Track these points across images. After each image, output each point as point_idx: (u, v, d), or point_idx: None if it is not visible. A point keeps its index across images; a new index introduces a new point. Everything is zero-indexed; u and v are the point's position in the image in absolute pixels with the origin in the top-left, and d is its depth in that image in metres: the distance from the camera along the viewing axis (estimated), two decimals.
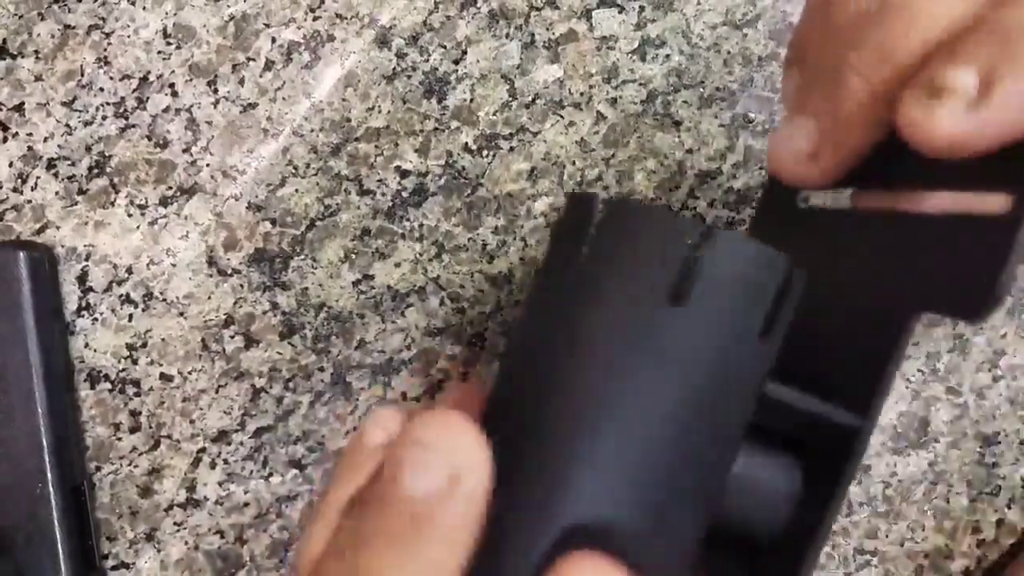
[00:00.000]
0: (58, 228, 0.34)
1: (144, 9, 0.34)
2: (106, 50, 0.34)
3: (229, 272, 0.34)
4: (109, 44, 0.34)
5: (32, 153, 0.34)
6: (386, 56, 0.34)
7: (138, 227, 0.34)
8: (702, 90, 0.34)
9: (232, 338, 0.34)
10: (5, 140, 0.34)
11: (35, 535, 0.31)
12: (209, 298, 0.34)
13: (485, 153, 0.34)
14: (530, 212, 0.34)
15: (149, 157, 0.34)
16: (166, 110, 0.34)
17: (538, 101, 0.34)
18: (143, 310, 0.34)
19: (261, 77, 0.34)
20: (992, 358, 0.35)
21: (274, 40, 0.34)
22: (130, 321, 0.34)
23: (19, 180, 0.34)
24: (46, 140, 0.34)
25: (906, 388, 0.34)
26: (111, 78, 0.34)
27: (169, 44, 0.34)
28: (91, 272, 0.34)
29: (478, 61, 0.34)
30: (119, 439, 0.34)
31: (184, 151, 0.34)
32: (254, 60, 0.34)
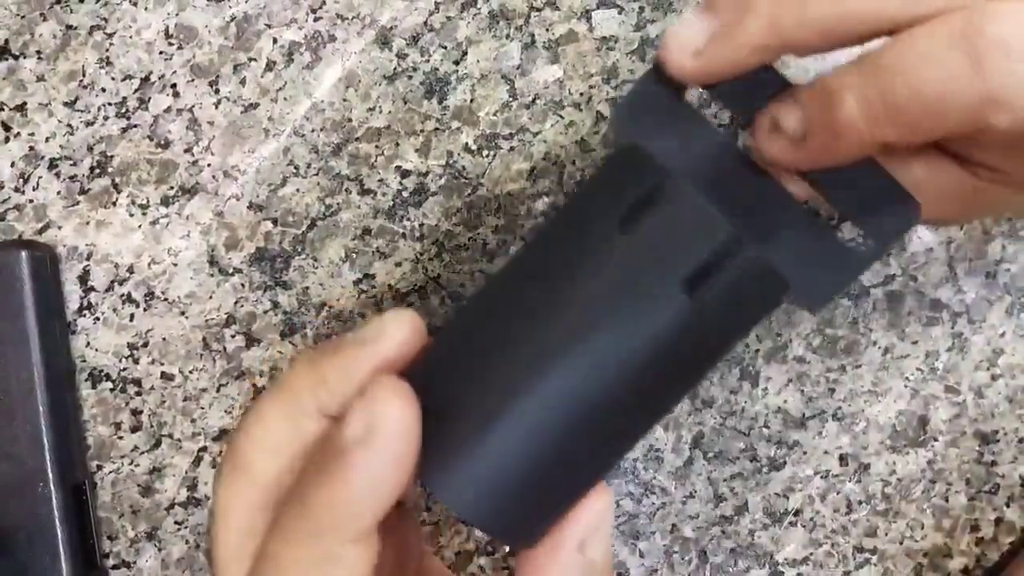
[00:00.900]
0: (60, 228, 0.34)
1: (146, 10, 0.34)
2: (108, 50, 0.34)
3: (230, 271, 0.34)
4: (111, 44, 0.34)
5: (34, 153, 0.34)
6: (387, 56, 0.34)
7: (139, 227, 0.34)
8: (701, 90, 0.34)
9: (233, 337, 0.34)
10: (7, 140, 0.34)
11: (36, 534, 0.31)
12: (210, 297, 0.34)
13: (485, 153, 0.34)
14: (530, 212, 0.34)
15: (151, 157, 0.34)
16: (168, 110, 0.34)
17: (538, 101, 0.34)
18: (144, 309, 0.34)
19: (262, 77, 0.34)
20: (991, 357, 0.35)
21: (275, 40, 0.34)
22: (131, 320, 0.34)
23: (21, 180, 0.34)
24: (48, 140, 0.34)
25: (905, 386, 0.35)
26: (113, 78, 0.34)
27: (171, 44, 0.34)
28: (92, 271, 0.34)
29: (478, 61, 0.34)
30: (120, 438, 0.34)
31: (185, 151, 0.34)
32: (255, 60, 0.34)
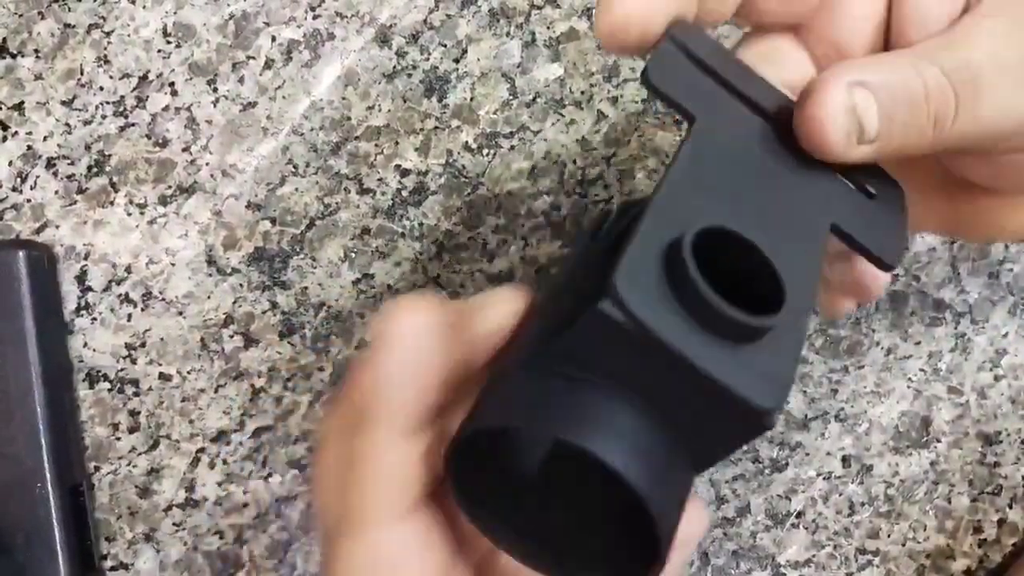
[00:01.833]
0: (57, 227, 0.33)
1: (144, 8, 0.34)
2: (106, 49, 0.34)
3: (228, 271, 0.34)
4: (109, 43, 0.34)
5: (32, 152, 0.34)
6: (386, 54, 0.34)
7: (137, 226, 0.34)
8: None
9: (231, 337, 0.34)
10: (5, 139, 0.34)
11: (34, 535, 0.31)
12: (208, 297, 0.34)
13: (485, 152, 0.34)
14: (531, 211, 0.34)
15: (149, 156, 0.34)
16: (166, 109, 0.34)
17: (539, 100, 0.34)
18: (142, 309, 0.34)
19: (261, 76, 0.34)
20: (994, 357, 0.34)
21: (274, 39, 0.34)
22: (129, 320, 0.34)
23: (18, 179, 0.33)
24: (46, 139, 0.34)
25: (908, 387, 0.34)
26: (111, 77, 0.34)
27: (169, 43, 0.34)
28: (90, 271, 0.34)
29: (479, 60, 0.34)
30: (118, 439, 0.34)
31: (184, 150, 0.34)
32: (254, 59, 0.34)
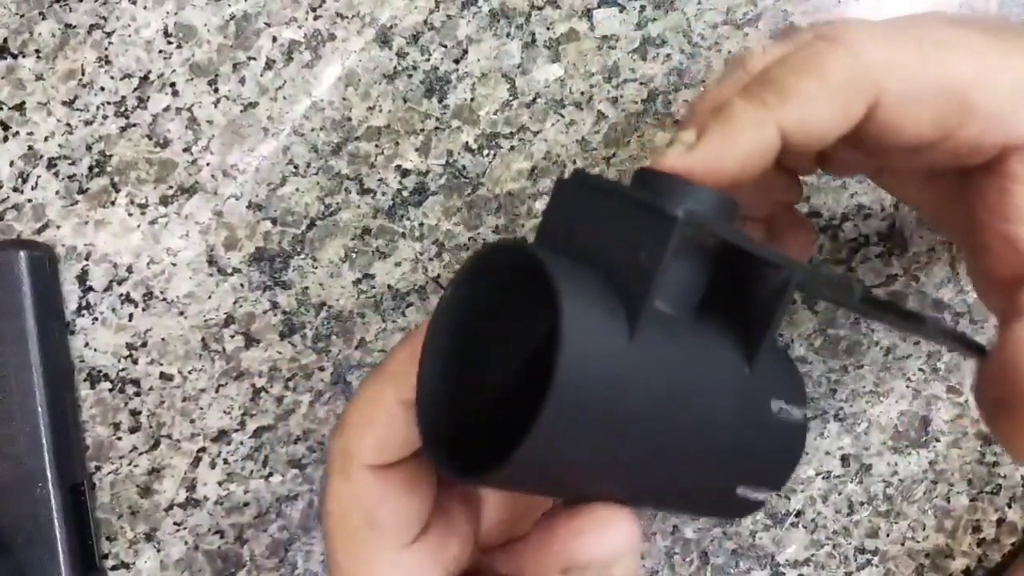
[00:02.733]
0: (58, 227, 0.34)
1: (145, 8, 0.34)
2: (107, 49, 0.34)
3: (229, 271, 0.34)
4: (110, 43, 0.34)
5: (33, 152, 0.34)
6: (387, 55, 0.34)
7: (138, 226, 0.34)
8: (703, 89, 0.34)
9: (232, 337, 0.34)
10: (6, 139, 0.34)
11: (35, 534, 0.31)
12: (209, 297, 0.34)
13: (486, 152, 0.34)
14: (531, 211, 0.34)
15: (150, 156, 0.34)
16: (167, 109, 0.34)
17: (539, 100, 0.34)
18: (143, 309, 0.34)
19: (262, 76, 0.34)
20: None
21: (275, 39, 0.34)
22: (130, 320, 0.34)
23: (20, 179, 0.34)
24: (47, 139, 0.34)
25: (907, 387, 0.34)
26: (112, 77, 0.34)
27: (170, 43, 0.34)
28: (91, 271, 0.34)
29: (479, 60, 0.34)
30: (119, 439, 0.34)
31: (185, 150, 0.34)
32: (255, 59, 0.34)
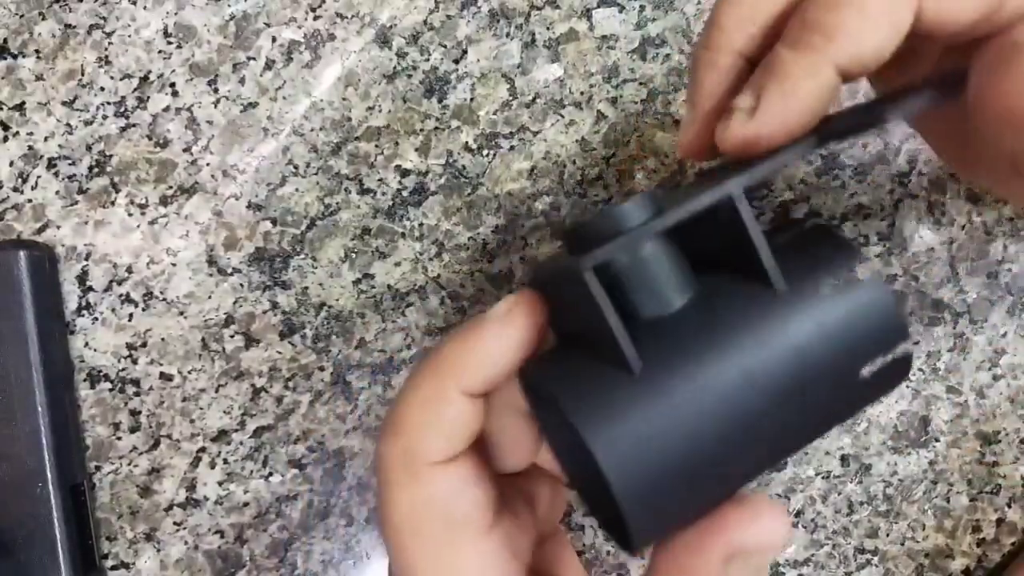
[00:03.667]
0: (58, 227, 0.34)
1: (145, 8, 0.34)
2: (107, 49, 0.34)
3: (229, 271, 0.34)
4: (110, 43, 0.34)
5: (33, 152, 0.34)
6: (386, 55, 0.34)
7: (138, 226, 0.34)
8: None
9: (232, 337, 0.34)
10: (6, 139, 0.34)
11: (35, 534, 0.31)
12: (209, 297, 0.34)
13: (485, 152, 0.34)
14: (531, 211, 0.34)
15: (149, 156, 0.34)
16: (167, 109, 0.34)
17: (538, 100, 0.34)
18: (143, 309, 0.34)
19: (261, 76, 0.34)
20: (992, 357, 0.35)
21: (275, 39, 0.34)
22: (130, 320, 0.34)
23: (20, 179, 0.34)
24: (47, 139, 0.34)
25: (906, 387, 0.34)
26: (112, 77, 0.34)
27: (170, 43, 0.34)
28: (91, 271, 0.34)
29: (478, 60, 0.34)
30: (119, 439, 0.34)
31: (184, 150, 0.34)
32: (255, 59, 0.34)
